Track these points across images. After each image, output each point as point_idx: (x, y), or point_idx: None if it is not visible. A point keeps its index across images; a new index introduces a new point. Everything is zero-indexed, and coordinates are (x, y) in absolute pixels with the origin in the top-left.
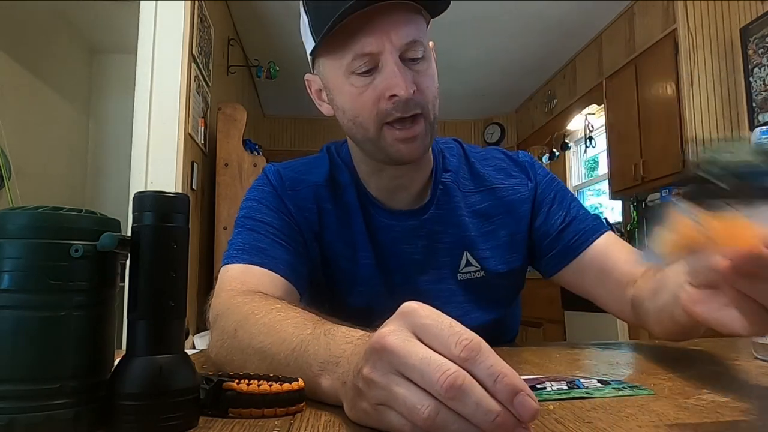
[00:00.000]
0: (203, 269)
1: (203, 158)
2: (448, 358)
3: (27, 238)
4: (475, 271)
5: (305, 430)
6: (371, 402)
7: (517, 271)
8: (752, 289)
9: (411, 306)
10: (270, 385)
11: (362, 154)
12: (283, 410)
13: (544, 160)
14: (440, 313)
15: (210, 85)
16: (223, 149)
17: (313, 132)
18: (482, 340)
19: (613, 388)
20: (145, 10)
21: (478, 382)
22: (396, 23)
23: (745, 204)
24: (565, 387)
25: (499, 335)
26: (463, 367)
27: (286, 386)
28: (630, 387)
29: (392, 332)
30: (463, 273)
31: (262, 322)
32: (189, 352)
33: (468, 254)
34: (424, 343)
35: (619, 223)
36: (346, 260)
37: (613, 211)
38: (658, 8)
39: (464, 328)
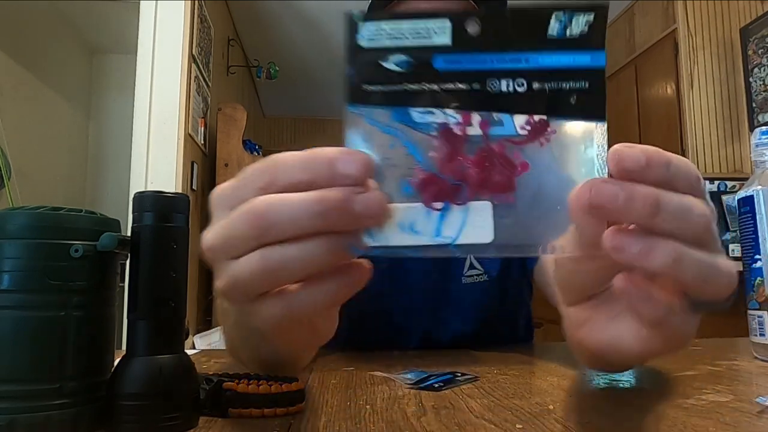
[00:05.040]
0: (203, 269)
1: (203, 158)
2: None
3: (27, 238)
4: (478, 275)
5: (305, 430)
6: None
7: (521, 277)
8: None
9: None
10: (270, 385)
11: None
12: (283, 410)
13: None
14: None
15: (210, 85)
16: (223, 149)
17: (313, 132)
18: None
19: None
20: (145, 10)
21: None
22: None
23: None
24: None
25: (502, 337)
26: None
27: (286, 386)
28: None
29: None
30: (467, 276)
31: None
32: (189, 352)
33: (472, 257)
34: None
35: None
36: None
37: None
38: (658, 8)
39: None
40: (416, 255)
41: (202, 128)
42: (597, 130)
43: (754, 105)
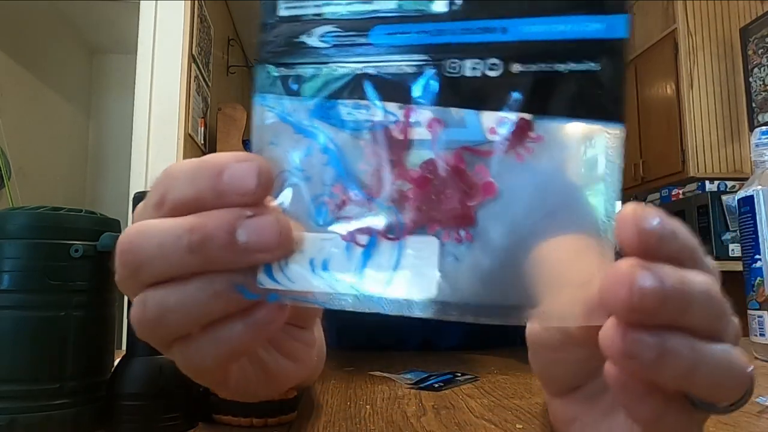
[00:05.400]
0: None
1: None
2: None
3: (27, 238)
4: None
5: (305, 429)
6: None
7: None
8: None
9: None
10: None
11: None
12: (262, 421)
13: None
14: None
15: (210, 85)
16: (223, 149)
17: None
18: None
19: None
20: (145, 10)
21: None
22: None
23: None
24: None
25: (502, 339)
26: None
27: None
28: None
29: None
30: None
31: None
32: None
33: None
34: None
35: None
36: None
37: None
38: (658, 8)
39: None
40: (328, 306)
41: (202, 128)
42: (609, 137)
43: (754, 105)
